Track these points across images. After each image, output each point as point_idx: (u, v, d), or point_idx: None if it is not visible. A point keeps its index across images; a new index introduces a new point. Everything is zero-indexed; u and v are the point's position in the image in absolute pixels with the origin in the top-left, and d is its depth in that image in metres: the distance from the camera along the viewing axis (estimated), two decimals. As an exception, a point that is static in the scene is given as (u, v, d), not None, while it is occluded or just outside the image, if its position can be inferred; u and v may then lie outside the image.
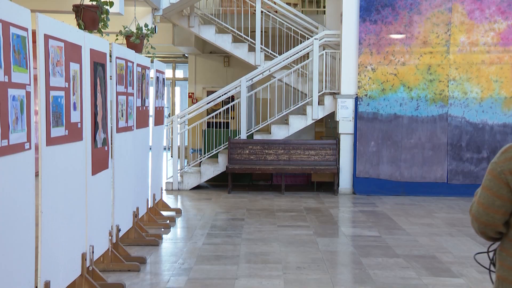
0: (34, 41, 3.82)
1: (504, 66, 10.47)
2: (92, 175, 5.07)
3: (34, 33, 3.82)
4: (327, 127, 12.79)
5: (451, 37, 10.52)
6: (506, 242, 2.34)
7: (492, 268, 2.44)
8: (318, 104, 11.20)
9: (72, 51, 4.53)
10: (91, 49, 5.01)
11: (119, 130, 6.09)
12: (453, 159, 10.51)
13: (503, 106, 10.46)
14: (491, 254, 2.46)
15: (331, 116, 11.46)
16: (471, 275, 5.75)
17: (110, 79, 5.81)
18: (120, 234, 6.16)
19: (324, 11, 13.30)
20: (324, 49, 11.43)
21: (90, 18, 5.36)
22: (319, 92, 11.22)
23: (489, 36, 10.47)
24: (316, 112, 11.16)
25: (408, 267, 6.02)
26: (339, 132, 10.91)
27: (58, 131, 4.23)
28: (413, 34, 10.57)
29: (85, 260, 4.86)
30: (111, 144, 5.83)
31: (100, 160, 5.30)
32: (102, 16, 5.50)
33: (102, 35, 5.78)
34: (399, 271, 5.88)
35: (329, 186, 11.17)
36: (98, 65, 5.23)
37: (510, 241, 2.31)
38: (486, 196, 2.33)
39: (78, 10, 5.35)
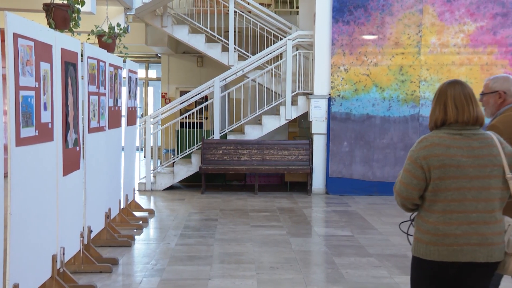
0: (2, 40, 3.76)
1: (474, 67, 10.63)
2: (63, 175, 5.01)
3: (2, 31, 3.77)
4: (300, 127, 12.83)
5: (422, 38, 10.65)
6: (421, 211, 3.03)
7: (410, 232, 3.12)
8: (292, 104, 11.24)
9: (43, 51, 4.47)
10: (62, 49, 4.96)
11: (91, 130, 6.03)
12: (425, 159, 10.62)
13: (473, 106, 10.60)
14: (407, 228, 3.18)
15: (305, 116, 11.50)
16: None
17: (82, 79, 5.75)
18: (92, 235, 6.09)
19: (297, 11, 13.35)
20: (297, 50, 11.47)
21: (61, 17, 5.30)
22: (292, 93, 11.25)
23: (459, 37, 10.62)
24: (290, 112, 11.20)
25: (380, 266, 6.07)
26: (312, 132, 10.96)
27: (28, 132, 4.17)
28: (385, 35, 10.67)
29: (56, 262, 4.80)
30: (83, 144, 5.77)
31: (71, 161, 5.24)
32: (73, 15, 5.44)
33: (73, 35, 5.72)
34: (372, 270, 5.93)
35: (303, 186, 11.22)
36: (70, 65, 5.18)
37: (424, 210, 3.00)
38: (406, 176, 2.99)
39: (49, 9, 5.29)
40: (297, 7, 13.48)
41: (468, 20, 10.61)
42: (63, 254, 4.99)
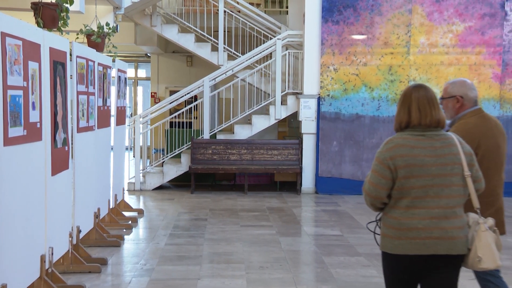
0: (-10, 39, 3.74)
1: (462, 67, 10.69)
2: (51, 175, 4.98)
3: (-10, 31, 3.74)
4: (290, 127, 12.85)
5: (411, 38, 10.69)
6: (387, 208, 3.19)
7: (378, 231, 3.27)
8: (281, 104, 11.24)
9: (31, 50, 4.44)
10: (50, 48, 4.93)
11: (80, 130, 6.01)
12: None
13: (461, 106, 10.66)
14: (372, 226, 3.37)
15: (294, 116, 11.52)
16: (430, 272, 5.85)
17: (71, 78, 5.73)
18: (81, 235, 6.07)
19: (287, 11, 13.36)
20: (287, 49, 11.48)
21: (49, 16, 5.26)
22: (282, 92, 11.26)
23: (448, 37, 10.67)
24: (279, 112, 11.21)
25: (369, 265, 6.09)
26: (302, 132, 10.98)
27: (16, 131, 4.14)
28: (374, 35, 10.70)
29: (44, 262, 4.78)
30: (72, 144, 5.74)
31: (60, 161, 5.22)
32: (61, 14, 5.41)
33: (62, 34, 5.69)
34: (361, 269, 5.95)
35: (292, 185, 11.23)
36: (58, 64, 5.15)
37: (389, 207, 3.17)
38: (374, 177, 3.15)
39: (37, 8, 5.25)
40: (287, 7, 13.50)
41: (456, 20, 10.67)
42: (52, 254, 4.97)
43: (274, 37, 11.85)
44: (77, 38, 7.08)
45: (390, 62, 10.73)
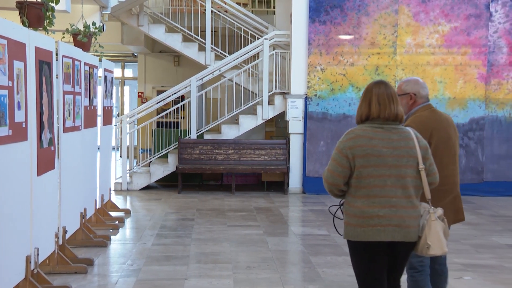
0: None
1: (448, 67, 10.76)
2: (37, 176, 4.95)
3: (-25, 30, 3.71)
4: (277, 127, 12.86)
5: (397, 38, 10.74)
6: (348, 197, 3.40)
7: (341, 216, 3.49)
8: (268, 104, 11.25)
9: (16, 49, 4.41)
10: (36, 47, 4.90)
11: (66, 130, 5.98)
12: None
13: (447, 106, 10.75)
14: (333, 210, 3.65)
15: (281, 116, 11.53)
16: (416, 271, 5.88)
17: (57, 77, 5.69)
18: (67, 236, 6.04)
19: (274, 11, 13.37)
20: (274, 49, 11.49)
21: (35, 15, 5.23)
22: (269, 92, 11.27)
23: (434, 38, 10.74)
24: (266, 112, 11.21)
25: (356, 264, 6.10)
26: (289, 132, 10.99)
27: (1, 131, 4.11)
28: (361, 35, 10.74)
29: (30, 263, 4.75)
30: (58, 144, 5.71)
31: (46, 161, 5.19)
32: (47, 13, 5.38)
33: (47, 33, 5.65)
34: (348, 269, 5.96)
35: (279, 185, 11.24)
36: (44, 64, 5.12)
37: (350, 196, 3.37)
38: (333, 165, 3.36)
39: (22, 7, 5.22)
40: (274, 7, 13.51)
41: (442, 21, 10.74)
42: (37, 255, 4.94)
43: (261, 37, 11.86)
44: (63, 37, 7.04)
45: (377, 62, 10.77)
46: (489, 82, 10.80)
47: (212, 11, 12.05)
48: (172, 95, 11.37)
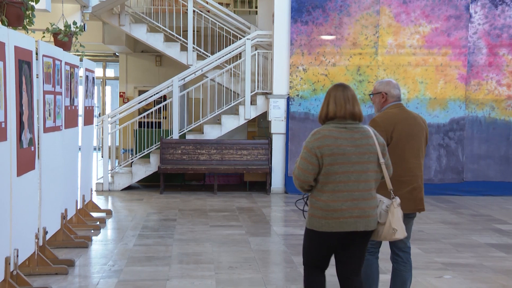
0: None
1: (429, 68, 10.84)
2: (17, 176, 4.90)
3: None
4: (259, 127, 12.87)
5: (379, 39, 10.81)
6: (314, 191, 3.72)
7: (306, 209, 3.82)
8: (251, 104, 11.26)
9: (-5, 48, 4.37)
10: (15, 47, 4.85)
11: (46, 130, 5.92)
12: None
13: (428, 106, 10.84)
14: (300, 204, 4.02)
15: (264, 116, 11.54)
16: (398, 270, 5.92)
17: (37, 77, 5.64)
18: (47, 237, 5.99)
19: (256, 11, 13.38)
20: (256, 49, 11.50)
21: (14, 14, 5.17)
22: (251, 92, 11.27)
23: (415, 38, 10.82)
24: (249, 112, 11.22)
25: (338, 264, 6.12)
26: (271, 132, 11.00)
27: (-20, 131, 4.07)
28: (343, 35, 10.78)
29: (9, 264, 4.70)
30: (38, 144, 5.66)
31: (26, 161, 5.14)
32: (27, 12, 5.32)
33: (27, 32, 5.60)
34: (329, 269, 5.97)
35: (262, 185, 11.25)
36: (24, 63, 5.07)
37: (316, 191, 3.69)
38: (303, 163, 3.66)
39: (1, 5, 5.15)
40: (256, 7, 13.51)
41: (423, 22, 10.82)
42: (17, 256, 4.89)
43: (244, 37, 11.86)
44: (44, 37, 6.98)
45: (359, 62, 10.82)
46: (469, 82, 10.90)
47: (194, 11, 12.02)
48: (154, 95, 11.33)
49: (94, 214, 8.37)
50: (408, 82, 10.81)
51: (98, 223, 7.92)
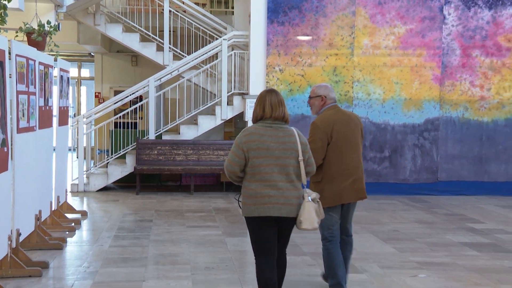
0: None
1: (404, 68, 10.94)
2: (-11, 177, 4.83)
3: None
4: (236, 127, 12.86)
5: (355, 39, 10.87)
6: (244, 182, 4.28)
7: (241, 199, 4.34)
8: (227, 104, 11.25)
9: (-33, 48, 4.30)
10: (-12, 46, 4.78)
11: (20, 130, 5.85)
12: (358, 158, 10.84)
13: (403, 107, 10.94)
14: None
15: (240, 116, 11.54)
16: (373, 270, 5.97)
17: (10, 77, 5.57)
18: (21, 239, 5.91)
19: (233, 11, 13.38)
20: (232, 50, 11.49)
21: (-13, 13, 5.10)
22: (228, 93, 11.26)
23: (390, 39, 10.91)
24: (225, 112, 11.20)
25: (315, 264, 6.15)
26: (248, 132, 10.97)
27: (-49, 132, 4.00)
28: (319, 36, 10.83)
29: (-18, 266, 4.63)
30: (11, 145, 5.59)
31: (-2, 162, 5.06)
32: None
33: (0, 31, 5.53)
34: (306, 268, 6.01)
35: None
36: (-4, 63, 5.00)
37: (246, 181, 4.26)
38: (232, 156, 4.22)
39: (-26, 4, 5.09)
40: (232, 7, 13.51)
41: (398, 23, 10.92)
42: (-10, 258, 4.82)
43: (220, 37, 11.85)
44: (17, 36, 6.91)
45: (335, 63, 10.88)
46: (443, 83, 11.03)
47: (170, 11, 11.98)
48: (130, 95, 11.26)
49: (69, 216, 8.29)
50: (383, 82, 10.90)
51: (73, 224, 7.84)
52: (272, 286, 4.32)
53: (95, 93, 15.20)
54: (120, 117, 11.46)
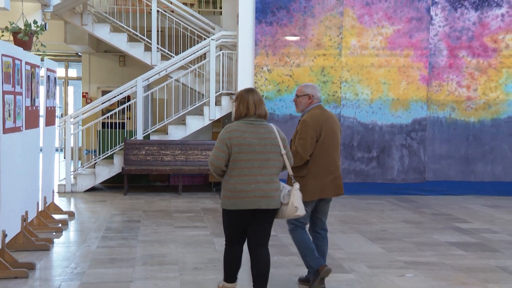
0: None
1: (392, 69, 10.99)
2: (-25, 178, 4.79)
3: None
4: (224, 127, 12.83)
5: (343, 40, 10.90)
6: (225, 176, 4.53)
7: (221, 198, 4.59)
8: (215, 104, 11.23)
9: (-48, 47, 4.26)
10: (-27, 45, 4.75)
11: (6, 130, 5.81)
12: (346, 159, 10.90)
13: (391, 107, 10.98)
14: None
15: (228, 116, 11.53)
16: (361, 270, 5.98)
17: (-4, 77, 5.53)
18: (7, 240, 5.87)
19: (221, 12, 13.37)
20: (221, 50, 11.48)
21: (-27, 13, 5.06)
22: (216, 93, 11.25)
23: (378, 40, 10.95)
24: (213, 113, 11.19)
25: (303, 264, 6.13)
26: (236, 132, 10.97)
27: None
28: (307, 36, 10.85)
29: (-32, 268, 4.59)
30: (-3, 145, 5.54)
31: (-16, 163, 5.02)
32: (-14, 10, 5.21)
33: (-14, 31, 5.48)
34: (294, 268, 6.02)
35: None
36: (-18, 62, 4.96)
37: (227, 176, 4.51)
38: (216, 151, 4.48)
39: (-41, 3, 5.04)
40: (221, 7, 13.50)
41: (386, 23, 10.96)
42: (-24, 260, 4.78)
43: (208, 37, 11.83)
44: (3, 35, 6.86)
45: (323, 63, 10.90)
46: (431, 83, 11.09)
47: (158, 11, 11.95)
48: (118, 95, 11.22)
49: (56, 216, 8.24)
50: (371, 83, 10.94)
51: (60, 225, 7.79)
52: (235, 269, 4.79)
53: (83, 93, 15.13)
54: (107, 117, 11.42)
